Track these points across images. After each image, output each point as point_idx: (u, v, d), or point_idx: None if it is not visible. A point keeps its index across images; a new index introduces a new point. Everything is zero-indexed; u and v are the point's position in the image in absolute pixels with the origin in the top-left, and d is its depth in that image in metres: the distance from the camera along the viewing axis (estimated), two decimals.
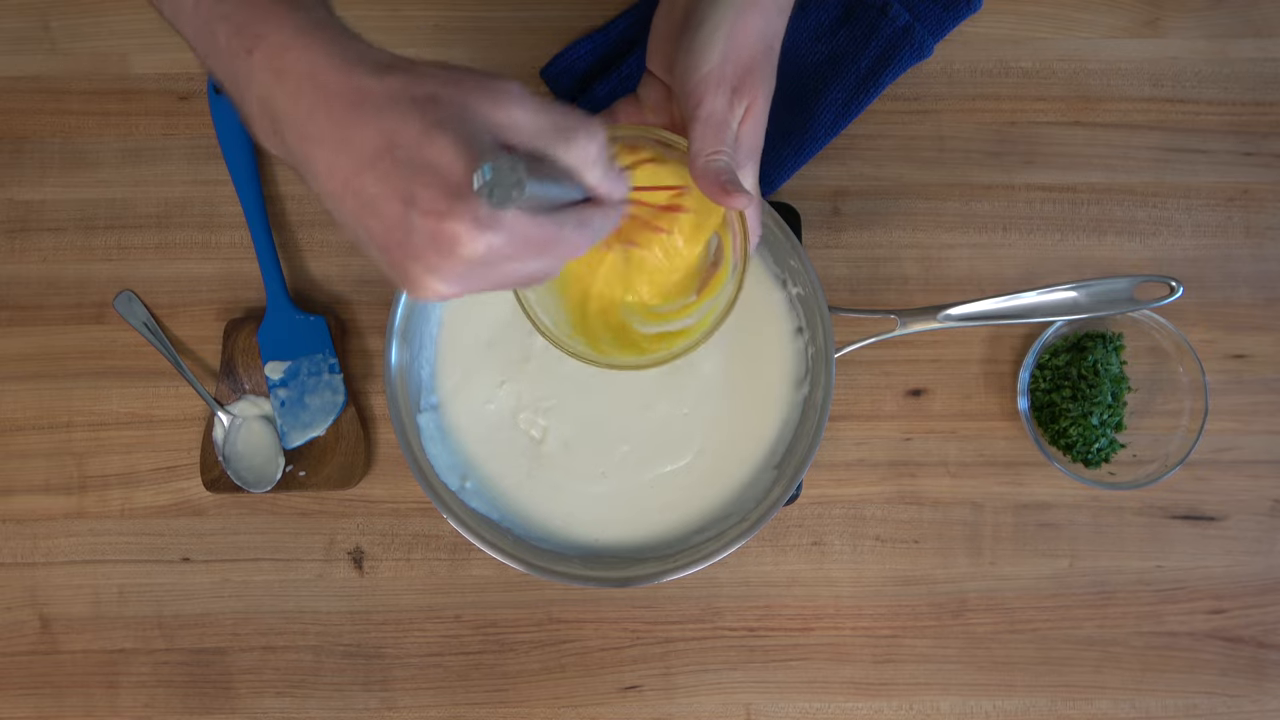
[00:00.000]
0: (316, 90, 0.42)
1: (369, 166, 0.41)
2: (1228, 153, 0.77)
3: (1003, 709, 0.74)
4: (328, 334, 0.74)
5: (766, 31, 0.54)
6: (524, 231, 0.41)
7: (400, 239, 0.41)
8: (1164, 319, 0.73)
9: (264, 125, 0.44)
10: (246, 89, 0.44)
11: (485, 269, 0.42)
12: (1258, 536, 0.75)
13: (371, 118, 0.41)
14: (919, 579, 0.74)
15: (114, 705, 0.74)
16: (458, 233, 0.39)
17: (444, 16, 0.79)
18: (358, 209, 0.42)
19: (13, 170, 0.78)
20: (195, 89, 0.78)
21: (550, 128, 0.42)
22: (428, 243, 0.40)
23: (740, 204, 0.53)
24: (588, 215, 0.45)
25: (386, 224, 0.41)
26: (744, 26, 0.53)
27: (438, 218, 0.39)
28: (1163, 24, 0.78)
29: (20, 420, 0.76)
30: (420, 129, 0.40)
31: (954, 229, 0.77)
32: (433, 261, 0.41)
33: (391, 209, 0.40)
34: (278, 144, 0.44)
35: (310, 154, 0.42)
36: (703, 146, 0.53)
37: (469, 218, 0.39)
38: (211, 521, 0.75)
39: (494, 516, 0.69)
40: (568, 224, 0.43)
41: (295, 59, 0.42)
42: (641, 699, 0.74)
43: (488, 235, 0.40)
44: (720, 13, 0.53)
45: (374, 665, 0.74)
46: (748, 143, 0.55)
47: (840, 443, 0.75)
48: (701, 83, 0.53)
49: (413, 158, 0.40)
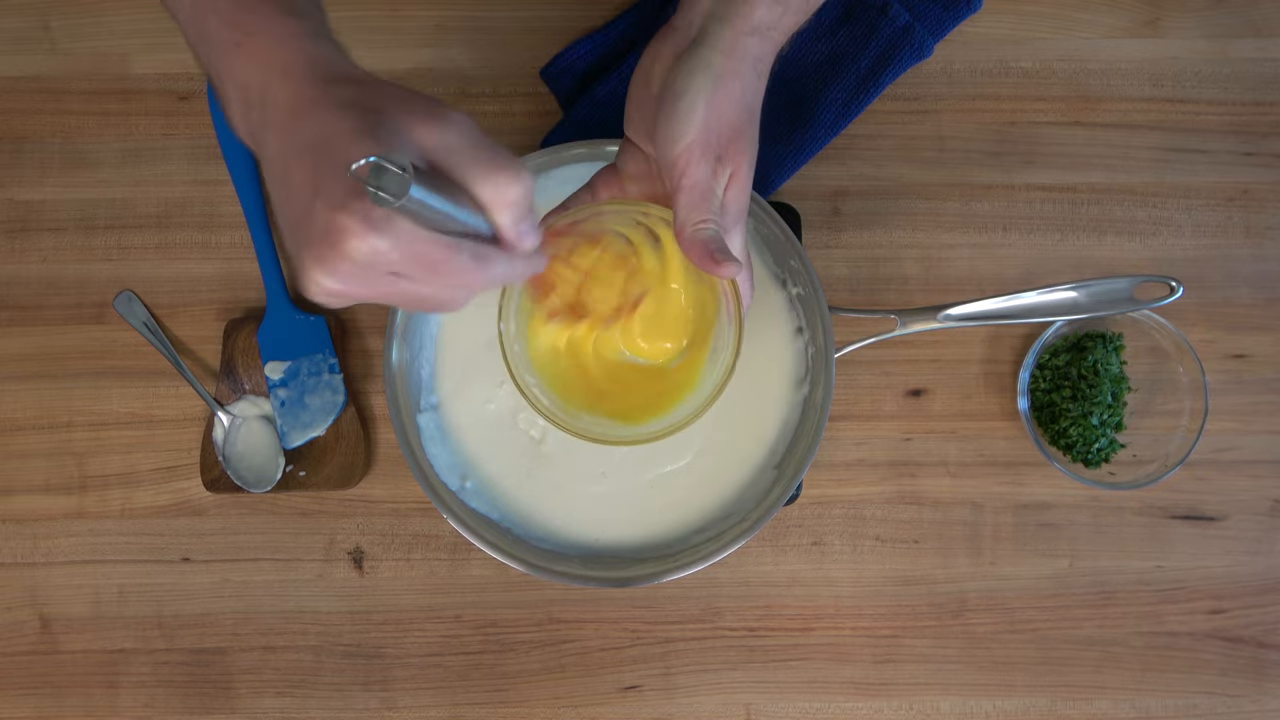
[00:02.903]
0: (287, 86, 0.45)
1: (300, 156, 0.43)
2: (1228, 153, 0.77)
3: (1003, 709, 0.74)
4: (328, 334, 0.74)
5: (746, 95, 0.54)
6: (414, 244, 0.41)
7: (304, 226, 0.42)
8: (1164, 319, 0.73)
9: (237, 109, 0.47)
10: (227, 76, 0.47)
11: (371, 273, 0.42)
12: (1258, 536, 0.75)
13: (319, 114, 0.43)
14: (919, 579, 0.74)
15: (114, 705, 0.74)
16: (347, 227, 0.40)
17: (444, 16, 0.79)
18: (283, 193, 0.44)
19: (13, 170, 0.78)
20: (195, 89, 0.78)
21: (477, 160, 0.43)
22: (321, 233, 0.41)
23: (730, 273, 0.53)
24: (487, 252, 0.45)
25: (297, 210, 0.43)
26: (724, 94, 0.52)
27: (334, 210, 0.41)
28: (1163, 24, 0.78)
29: (20, 420, 0.76)
30: (351, 130, 0.41)
31: (954, 229, 0.77)
32: (321, 252, 0.41)
33: (304, 196, 0.42)
34: (245, 128, 0.47)
35: (265, 139, 0.45)
36: (689, 216, 0.53)
37: (360, 215, 0.40)
38: (211, 521, 0.75)
39: (494, 516, 0.69)
40: (463, 252, 0.43)
41: (277, 58, 0.45)
42: (641, 699, 0.74)
43: (374, 237, 0.40)
44: (699, 82, 0.52)
45: (374, 665, 0.74)
46: (733, 209, 0.55)
47: (840, 443, 0.75)
48: (685, 153, 0.52)
49: (334, 154, 0.41)
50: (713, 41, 0.53)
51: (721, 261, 0.52)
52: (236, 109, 0.47)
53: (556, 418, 0.58)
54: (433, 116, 0.43)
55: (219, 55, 0.47)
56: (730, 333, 0.57)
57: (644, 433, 0.58)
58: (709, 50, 0.53)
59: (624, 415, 0.60)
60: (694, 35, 0.54)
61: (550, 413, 0.58)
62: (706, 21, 0.54)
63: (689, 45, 0.54)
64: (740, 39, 0.53)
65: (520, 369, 0.57)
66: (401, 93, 0.44)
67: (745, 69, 0.53)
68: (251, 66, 0.46)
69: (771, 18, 0.54)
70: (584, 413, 0.59)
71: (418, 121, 0.43)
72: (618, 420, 0.60)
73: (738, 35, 0.53)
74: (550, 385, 0.59)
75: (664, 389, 0.60)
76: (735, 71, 0.53)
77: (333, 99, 0.43)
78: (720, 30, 0.53)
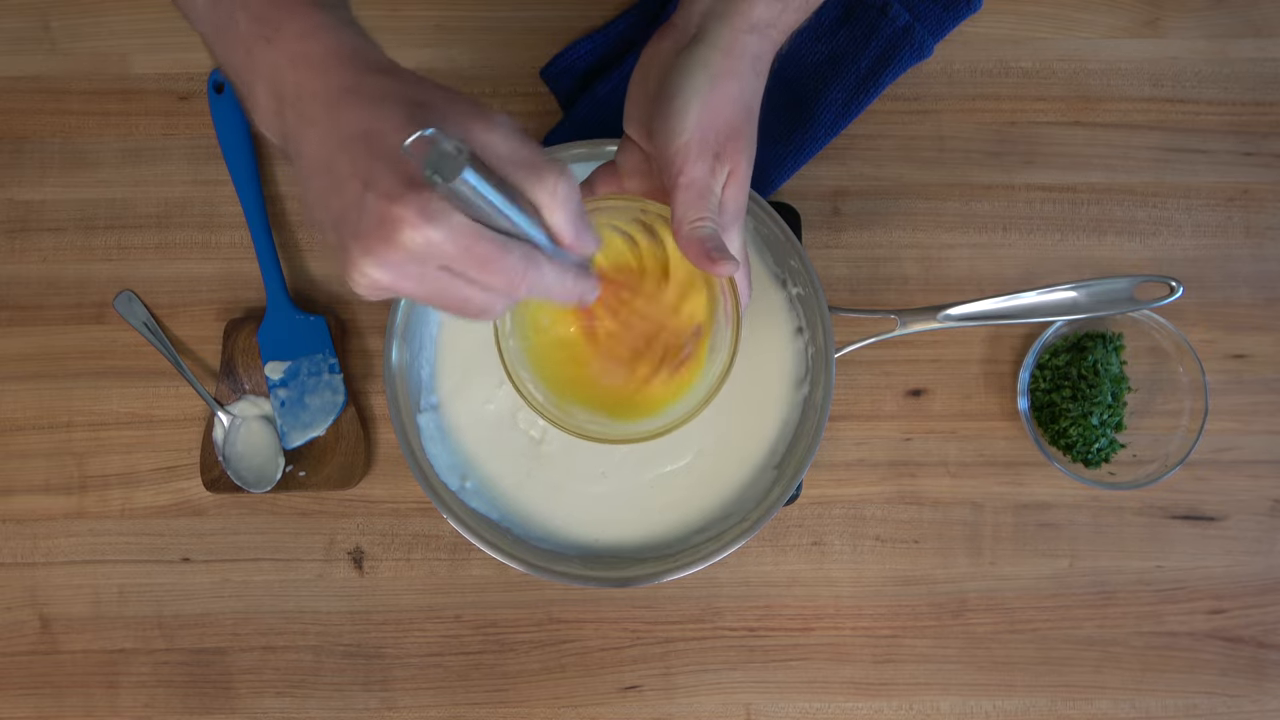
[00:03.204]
0: (323, 78, 0.44)
1: (345, 147, 0.42)
2: (1228, 153, 0.77)
3: (1003, 709, 0.74)
4: (328, 334, 0.74)
5: (745, 94, 0.54)
6: (467, 238, 0.41)
7: (353, 218, 0.42)
8: (1164, 319, 0.73)
9: (269, 106, 0.46)
10: (257, 73, 0.46)
11: (421, 266, 0.42)
12: (1258, 536, 0.75)
13: (362, 105, 0.43)
14: (919, 579, 0.75)
15: (114, 705, 0.74)
16: (403, 218, 0.40)
17: (444, 16, 0.79)
18: (326, 185, 0.43)
19: (13, 170, 0.78)
20: (195, 89, 0.78)
21: (524, 161, 0.43)
22: (374, 224, 0.41)
23: (726, 271, 0.53)
24: (538, 256, 0.45)
25: (344, 201, 0.42)
26: (721, 92, 0.52)
27: (388, 201, 0.40)
28: (1163, 24, 0.78)
29: (20, 420, 0.76)
30: (400, 123, 0.41)
31: (954, 229, 0.77)
32: (373, 244, 0.41)
33: (352, 188, 0.42)
34: (278, 126, 0.46)
35: (303, 133, 0.44)
36: (686, 214, 0.53)
37: (416, 206, 0.40)
38: (211, 521, 0.75)
39: (494, 516, 0.69)
40: (515, 251, 0.43)
41: (310, 49, 0.44)
42: (641, 699, 0.74)
43: (430, 228, 0.40)
44: (697, 80, 0.52)
45: (374, 665, 0.74)
46: (731, 207, 0.54)
47: (840, 443, 0.75)
48: (682, 150, 0.52)
49: (385, 146, 0.41)
50: (711, 39, 0.53)
51: (718, 260, 0.52)
52: (268, 106, 0.46)
53: (551, 414, 0.58)
54: (479, 116, 0.43)
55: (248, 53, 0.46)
56: (728, 333, 0.57)
57: (640, 431, 0.58)
58: (707, 48, 0.53)
59: (620, 413, 0.60)
60: (693, 33, 0.54)
61: (545, 409, 0.58)
62: (705, 19, 0.54)
63: (688, 43, 0.54)
64: (739, 37, 0.53)
65: (516, 365, 0.57)
66: (443, 89, 0.44)
67: (743, 67, 0.53)
68: (284, 61, 0.45)
69: (770, 15, 0.54)
70: (579, 409, 0.59)
71: (463, 117, 0.43)
72: (614, 418, 0.60)
73: (736, 33, 0.53)
74: (546, 382, 0.59)
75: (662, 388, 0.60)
76: (733, 70, 0.53)
77: (374, 90, 0.43)
78: (719, 28, 0.53)
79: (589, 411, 0.60)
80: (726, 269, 0.53)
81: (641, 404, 0.60)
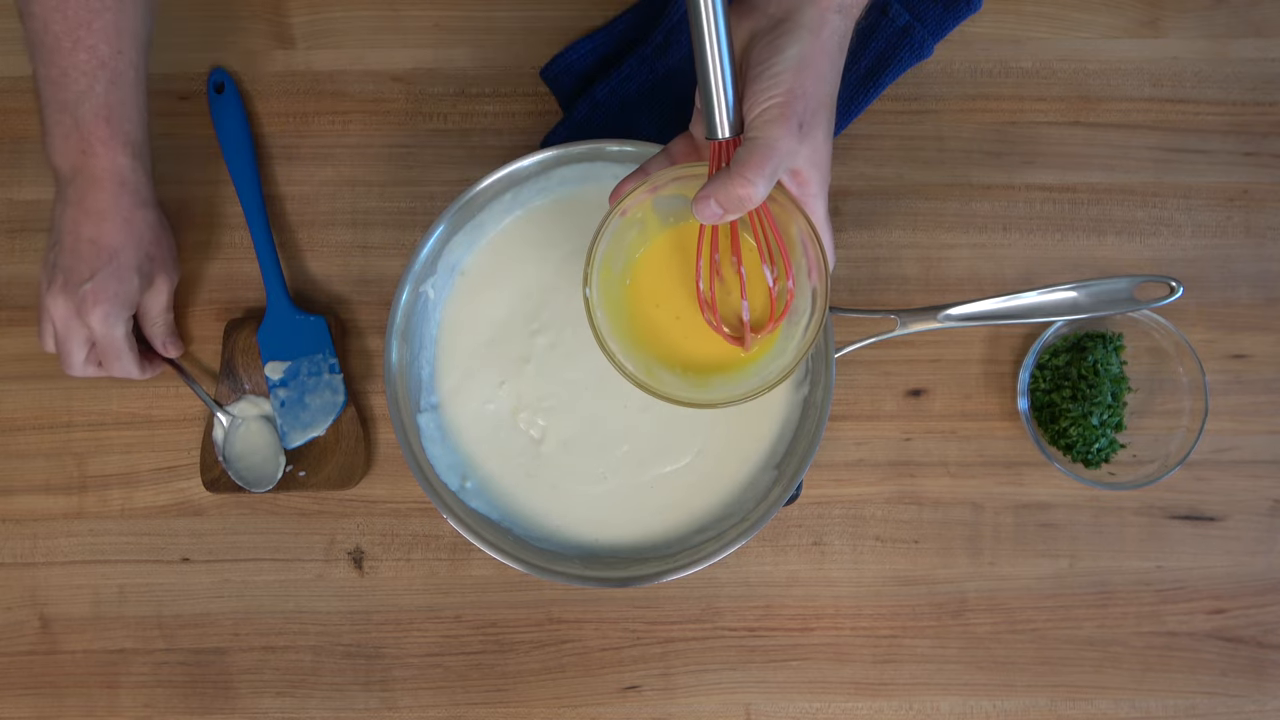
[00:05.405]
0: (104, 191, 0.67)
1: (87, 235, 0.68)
2: (1228, 153, 0.77)
3: (1003, 709, 0.74)
4: (328, 334, 0.74)
5: (832, 73, 0.55)
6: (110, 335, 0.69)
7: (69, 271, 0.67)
8: (1164, 319, 0.73)
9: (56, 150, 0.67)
10: (57, 149, 0.67)
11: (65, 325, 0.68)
12: (1258, 536, 0.75)
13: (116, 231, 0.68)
14: (919, 579, 0.75)
15: (114, 705, 0.74)
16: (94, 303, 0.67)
17: (444, 16, 0.79)
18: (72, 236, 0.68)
19: (13, 170, 0.78)
20: (195, 89, 0.78)
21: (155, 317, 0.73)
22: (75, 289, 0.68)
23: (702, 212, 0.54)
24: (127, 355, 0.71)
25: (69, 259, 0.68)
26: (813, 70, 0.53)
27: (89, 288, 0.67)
28: (1163, 24, 0.78)
29: (20, 420, 0.76)
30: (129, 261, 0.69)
31: (954, 229, 0.77)
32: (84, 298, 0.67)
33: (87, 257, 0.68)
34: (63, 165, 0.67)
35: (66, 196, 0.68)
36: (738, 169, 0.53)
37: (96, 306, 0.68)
38: (211, 521, 0.75)
39: (494, 516, 0.69)
40: (123, 358, 0.70)
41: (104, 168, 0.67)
42: (641, 699, 0.74)
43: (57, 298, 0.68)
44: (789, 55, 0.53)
45: (374, 665, 0.74)
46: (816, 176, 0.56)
47: (840, 443, 0.75)
48: (764, 112, 0.53)
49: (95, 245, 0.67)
50: (800, 19, 0.54)
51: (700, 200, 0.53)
52: (55, 148, 0.67)
53: (640, 380, 0.59)
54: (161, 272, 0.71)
55: (65, 145, 0.66)
56: (809, 293, 0.58)
57: (727, 395, 0.59)
58: (798, 28, 0.54)
59: (708, 378, 0.61)
60: (774, 13, 0.55)
61: (637, 377, 0.59)
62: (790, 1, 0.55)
63: (774, 24, 0.54)
64: (827, 17, 0.54)
65: (605, 334, 0.58)
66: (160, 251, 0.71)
67: (831, 47, 0.55)
68: (83, 164, 0.67)
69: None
70: (668, 374, 0.61)
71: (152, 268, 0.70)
72: (702, 385, 0.61)
73: (824, 13, 0.54)
74: (634, 351, 0.60)
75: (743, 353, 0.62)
76: (823, 49, 0.54)
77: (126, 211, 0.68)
78: (807, 8, 0.54)
79: (678, 378, 0.61)
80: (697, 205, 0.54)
81: (730, 367, 0.61)
